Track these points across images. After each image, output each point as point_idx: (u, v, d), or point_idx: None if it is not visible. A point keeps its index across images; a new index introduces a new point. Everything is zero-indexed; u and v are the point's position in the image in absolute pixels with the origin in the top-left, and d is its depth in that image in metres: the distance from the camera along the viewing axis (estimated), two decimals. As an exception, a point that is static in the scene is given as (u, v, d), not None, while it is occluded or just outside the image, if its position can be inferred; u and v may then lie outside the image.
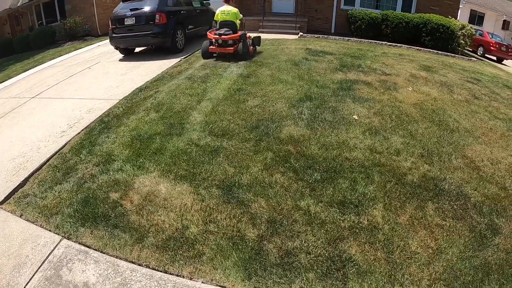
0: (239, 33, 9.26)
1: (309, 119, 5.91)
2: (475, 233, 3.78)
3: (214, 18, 9.77)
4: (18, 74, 11.30)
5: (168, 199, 3.96)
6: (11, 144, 5.56)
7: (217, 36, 9.19)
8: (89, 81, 8.54)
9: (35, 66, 12.26)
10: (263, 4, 14.92)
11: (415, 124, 6.00)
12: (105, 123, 5.83)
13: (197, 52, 10.68)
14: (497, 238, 3.76)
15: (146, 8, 10.04)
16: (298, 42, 12.34)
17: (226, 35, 9.15)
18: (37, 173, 4.69)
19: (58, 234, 3.57)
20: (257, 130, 5.34)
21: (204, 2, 13.58)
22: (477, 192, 4.45)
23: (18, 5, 22.79)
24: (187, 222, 3.66)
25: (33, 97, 7.83)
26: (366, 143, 5.30)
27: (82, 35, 18.88)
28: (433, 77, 9.00)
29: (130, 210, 3.83)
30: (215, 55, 9.62)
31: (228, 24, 9.32)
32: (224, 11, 9.44)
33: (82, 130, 5.71)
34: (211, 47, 9.44)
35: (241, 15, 9.64)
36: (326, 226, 3.74)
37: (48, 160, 4.94)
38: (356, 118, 6.02)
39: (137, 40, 10.28)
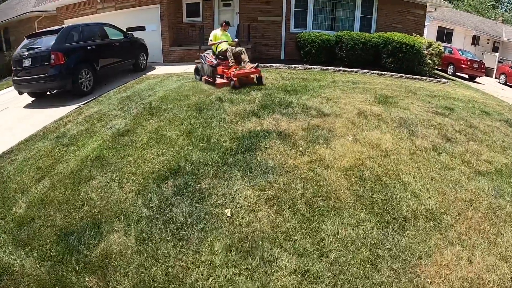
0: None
1: (151, 217, 3.67)
2: None
3: None
4: None
5: None
6: None
7: None
8: None
9: None
10: (201, 31, 12.73)
11: (337, 217, 3.43)
12: None
13: (104, 93, 8.88)
14: None
15: (41, 47, 8.67)
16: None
17: None
18: None
19: None
20: (69, 239, 3.51)
21: (128, 33, 11.26)
22: None
23: None
24: None
25: None
26: (219, 280, 2.64)
27: (24, 68, 16.94)
28: (389, 113, 6.51)
29: None
30: None
31: None
32: None
33: None
34: None
35: (209, 40, 9.26)
36: None
37: None
38: (229, 215, 3.51)
39: (34, 84, 8.75)
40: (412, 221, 3.39)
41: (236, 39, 9.28)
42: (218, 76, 8.62)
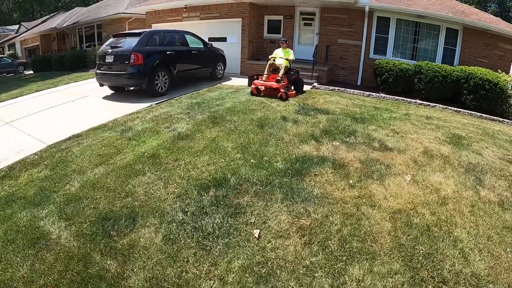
0: None
1: (183, 221, 3.85)
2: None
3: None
4: (28, 94, 11.80)
5: None
6: None
7: None
8: (56, 116, 8.28)
9: (48, 88, 12.71)
10: (279, 48, 12.94)
11: (367, 263, 3.25)
12: (4, 176, 5.11)
13: (177, 97, 9.38)
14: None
15: (124, 47, 9.46)
16: (301, 95, 9.97)
17: None
18: None
19: None
20: (105, 224, 3.83)
21: (208, 42, 11.77)
22: None
23: (64, 26, 25.45)
24: None
25: (6, 123, 7.90)
26: None
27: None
28: (459, 155, 6.06)
29: None
30: None
31: None
32: None
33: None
34: None
35: None
36: None
37: None
38: (257, 236, 3.54)
39: (114, 79, 9.67)
40: (452, 284, 3.07)
41: (284, 57, 9.94)
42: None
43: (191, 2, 14.42)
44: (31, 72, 24.01)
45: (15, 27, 38.08)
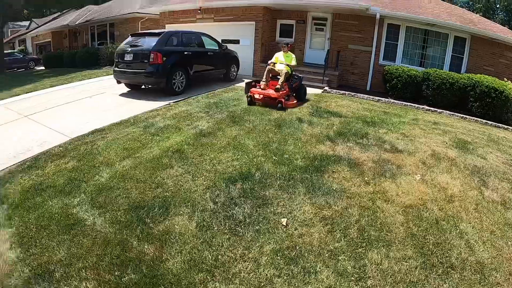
0: None
1: (214, 210, 4.21)
2: None
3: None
4: (43, 89, 12.09)
5: None
6: None
7: None
8: (75, 111, 8.48)
9: (61, 84, 12.96)
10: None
11: (384, 249, 3.67)
12: (30, 166, 5.36)
13: (193, 96, 9.77)
14: None
15: (144, 46, 9.73)
16: (313, 99, 10.35)
17: None
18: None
19: None
20: (139, 212, 4.11)
21: (222, 44, 12.19)
22: None
23: (76, 23, 25.68)
24: None
25: (25, 116, 8.13)
26: (260, 277, 3.16)
27: (122, 61, 19.37)
28: (464, 158, 6.44)
29: None
30: None
31: None
32: None
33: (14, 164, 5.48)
34: None
35: None
36: None
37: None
38: (284, 224, 3.95)
39: (132, 77, 9.91)
40: (459, 269, 3.47)
41: (285, 63, 9.40)
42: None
43: (206, 4, 14.84)
44: (43, 68, 24.43)
45: (26, 23, 38.69)
